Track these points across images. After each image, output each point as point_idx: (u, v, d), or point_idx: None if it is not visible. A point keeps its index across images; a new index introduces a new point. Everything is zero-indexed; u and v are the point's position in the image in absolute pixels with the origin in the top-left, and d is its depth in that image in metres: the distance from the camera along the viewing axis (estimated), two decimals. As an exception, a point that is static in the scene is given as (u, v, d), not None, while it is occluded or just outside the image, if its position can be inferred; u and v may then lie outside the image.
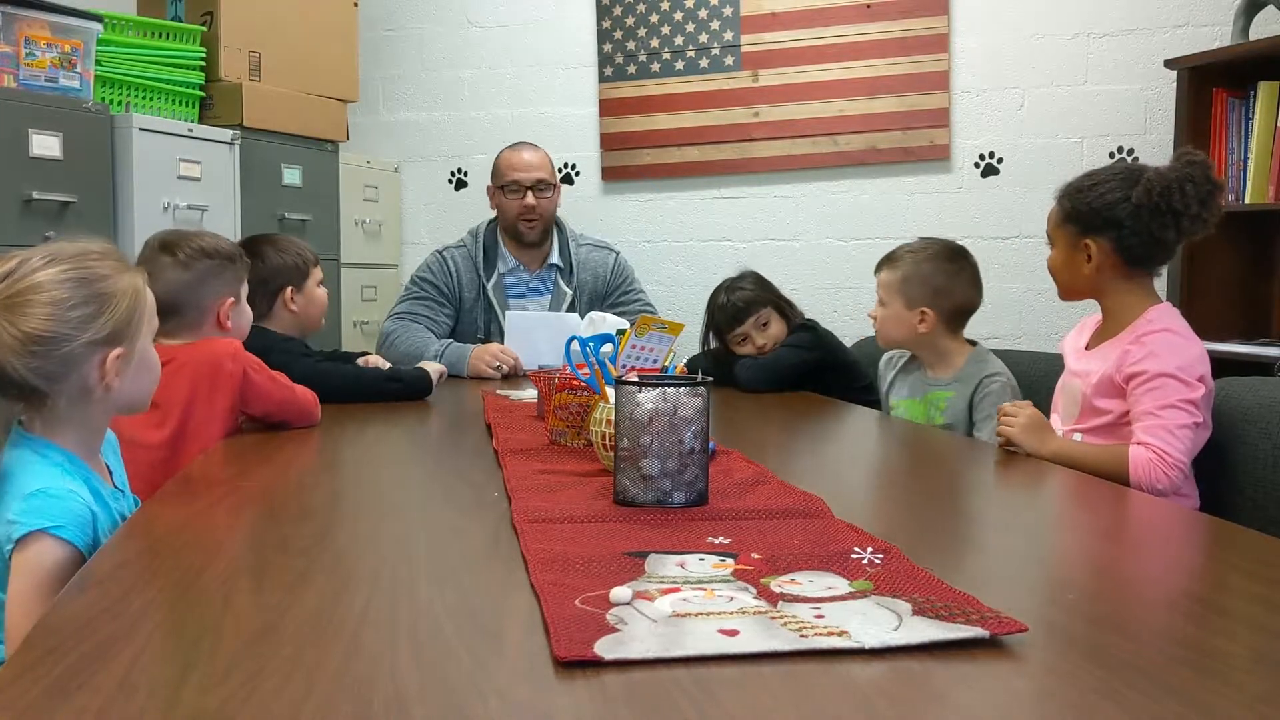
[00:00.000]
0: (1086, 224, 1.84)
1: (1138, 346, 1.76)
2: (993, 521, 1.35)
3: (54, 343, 1.25)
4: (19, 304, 1.24)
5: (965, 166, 3.38)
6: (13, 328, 1.23)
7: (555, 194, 3.07)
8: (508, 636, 0.83)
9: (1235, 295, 2.94)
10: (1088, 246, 1.84)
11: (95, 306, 1.28)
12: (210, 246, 1.89)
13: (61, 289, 1.26)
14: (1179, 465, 1.67)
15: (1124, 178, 1.82)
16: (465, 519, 1.26)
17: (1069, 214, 1.87)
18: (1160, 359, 1.72)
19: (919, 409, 2.28)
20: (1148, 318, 1.80)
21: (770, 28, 3.47)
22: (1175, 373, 1.70)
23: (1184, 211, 1.75)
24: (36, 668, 0.74)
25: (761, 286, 2.71)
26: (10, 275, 1.25)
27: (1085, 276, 1.86)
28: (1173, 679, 0.75)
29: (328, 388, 2.05)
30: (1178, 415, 1.69)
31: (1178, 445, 1.67)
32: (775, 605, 0.88)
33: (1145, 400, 1.71)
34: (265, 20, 3.04)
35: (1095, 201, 1.82)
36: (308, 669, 0.75)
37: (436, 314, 2.97)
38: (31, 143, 2.38)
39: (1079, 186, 1.86)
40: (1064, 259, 1.90)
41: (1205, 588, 1.04)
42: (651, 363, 1.77)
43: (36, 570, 1.18)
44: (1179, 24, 3.21)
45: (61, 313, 1.25)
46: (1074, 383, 1.88)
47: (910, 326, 2.26)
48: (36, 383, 1.25)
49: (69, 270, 1.28)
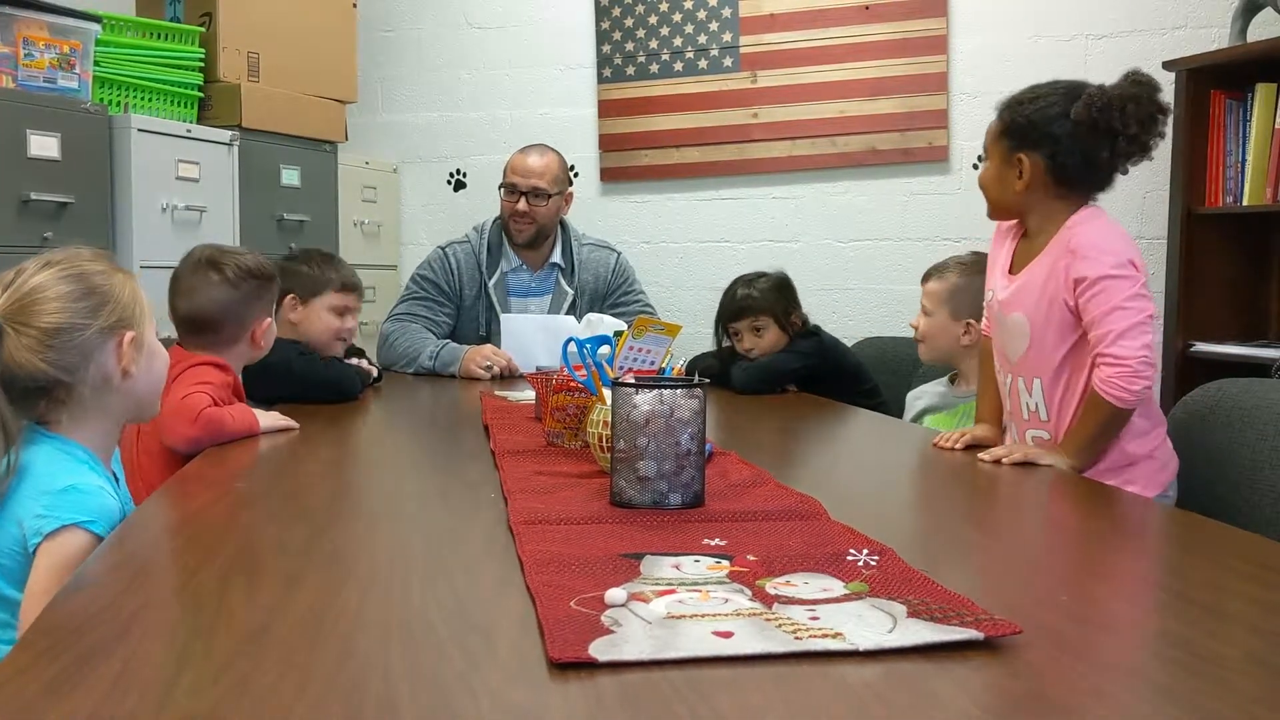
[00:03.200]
0: (1021, 138, 1.77)
1: (1070, 255, 1.71)
2: (987, 523, 1.35)
3: (69, 333, 1.32)
4: (28, 305, 1.31)
5: (964, 168, 3.38)
6: (28, 327, 1.30)
7: (554, 202, 3.01)
8: (502, 637, 0.83)
9: (1233, 296, 2.94)
10: (1020, 161, 1.77)
11: (99, 298, 1.36)
12: (255, 266, 1.93)
13: (64, 284, 1.34)
14: (1141, 362, 1.64)
15: (1065, 93, 1.76)
16: (461, 520, 1.26)
17: (1006, 127, 1.80)
18: (1096, 261, 1.68)
19: (949, 422, 2.26)
20: (1068, 224, 1.74)
21: (769, 29, 3.47)
22: (1111, 271, 1.66)
23: (1122, 130, 1.69)
24: (31, 668, 0.74)
25: (777, 293, 2.66)
26: (11, 285, 1.32)
27: (1015, 193, 1.79)
28: (1166, 680, 0.75)
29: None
30: (1124, 316, 1.65)
31: (1130, 347, 1.64)
32: (770, 607, 0.88)
33: (1091, 307, 1.67)
34: (264, 21, 3.04)
35: (1034, 115, 1.76)
36: (300, 670, 0.75)
37: (436, 313, 2.97)
38: (30, 143, 2.38)
39: (1020, 99, 1.80)
40: (995, 174, 1.82)
41: (1199, 589, 1.04)
42: (649, 364, 1.77)
43: (69, 563, 1.20)
44: (1177, 26, 3.21)
45: (69, 304, 1.33)
46: (1015, 317, 1.80)
47: (954, 337, 2.25)
48: (59, 375, 1.32)
49: (65, 269, 1.35)
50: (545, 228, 3.03)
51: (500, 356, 2.75)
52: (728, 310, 2.68)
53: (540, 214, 2.99)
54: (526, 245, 3.03)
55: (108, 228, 2.58)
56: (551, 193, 3.00)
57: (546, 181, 3.00)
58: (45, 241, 2.40)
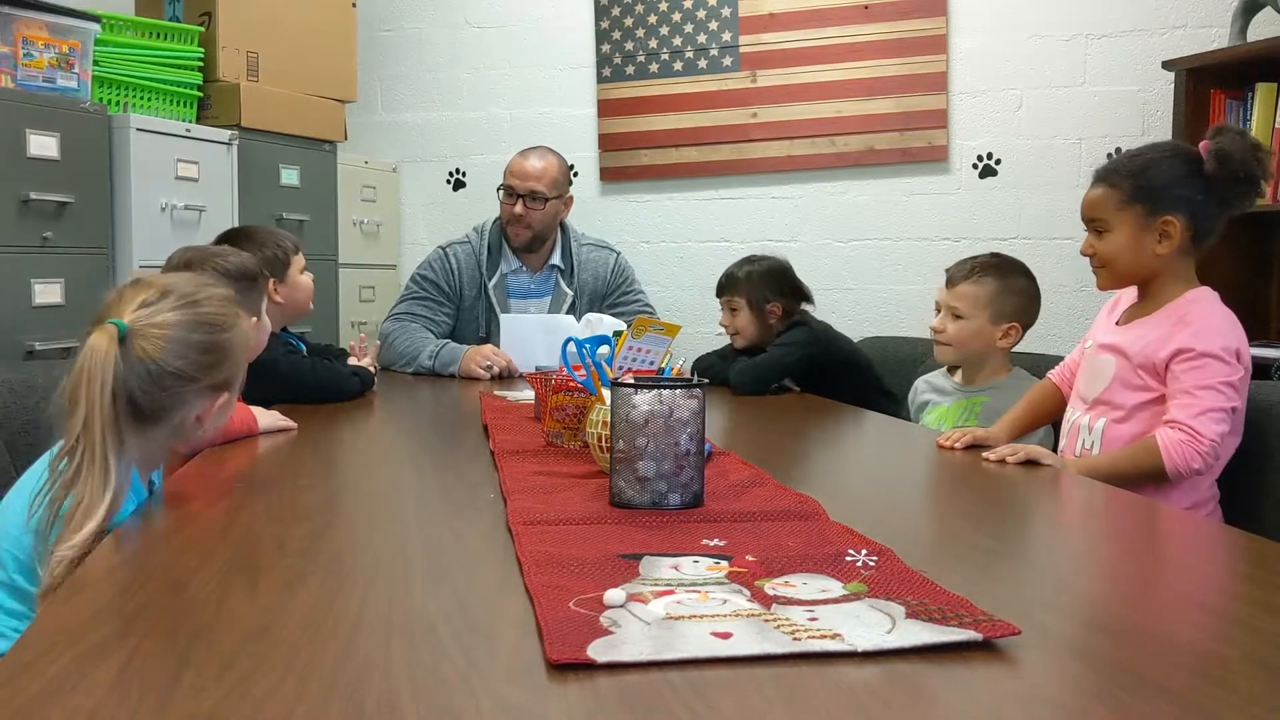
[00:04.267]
0: (1158, 202, 1.77)
1: (1181, 326, 1.73)
2: (986, 524, 1.35)
3: (177, 381, 1.28)
4: (153, 336, 1.27)
5: (963, 167, 3.38)
6: (144, 359, 1.26)
7: (551, 206, 3.01)
8: (501, 638, 0.83)
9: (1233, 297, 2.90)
10: (1166, 225, 1.77)
11: (218, 355, 1.33)
12: (235, 267, 1.90)
13: (193, 331, 1.31)
14: (1212, 445, 1.66)
15: (1172, 152, 1.79)
16: (461, 520, 1.26)
17: (1134, 194, 1.79)
18: (1206, 338, 1.70)
19: (950, 414, 2.27)
20: (1188, 297, 1.78)
21: (768, 28, 3.47)
22: (1219, 353, 1.69)
23: (1262, 176, 1.72)
24: (31, 668, 0.74)
25: (761, 279, 2.68)
26: (145, 302, 1.29)
27: (1157, 257, 1.79)
28: (1166, 681, 0.75)
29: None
30: (1214, 397, 1.67)
31: (1210, 426, 1.66)
32: (769, 608, 0.88)
33: (1185, 378, 1.70)
34: (263, 20, 3.04)
35: (1162, 178, 1.77)
36: (301, 670, 0.75)
37: (436, 313, 2.98)
38: (29, 143, 2.38)
39: (1132, 169, 1.80)
40: (1129, 241, 1.80)
41: (1199, 590, 1.04)
42: (648, 364, 1.77)
43: None
44: (1177, 25, 3.21)
45: (191, 355, 1.30)
46: (1105, 357, 1.83)
47: (990, 341, 2.24)
48: (148, 412, 1.28)
49: (199, 315, 1.32)
50: (542, 232, 3.02)
51: (500, 357, 2.75)
52: (720, 283, 2.76)
53: (536, 218, 2.99)
54: (524, 249, 3.03)
55: (107, 227, 2.58)
56: (549, 197, 2.99)
57: (544, 185, 2.99)
58: (45, 241, 2.41)
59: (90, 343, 1.23)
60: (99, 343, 1.22)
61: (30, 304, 2.39)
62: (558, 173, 3.05)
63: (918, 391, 2.43)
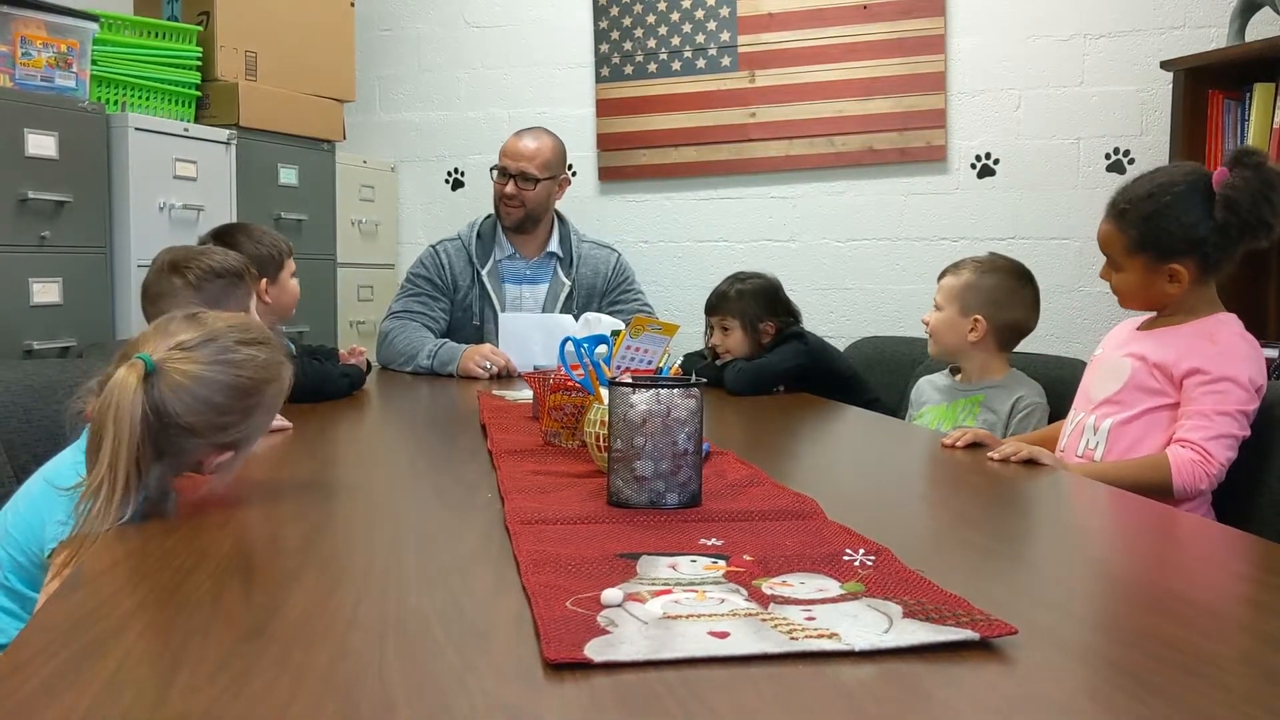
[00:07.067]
0: (1166, 249, 1.77)
1: (1208, 342, 1.73)
2: (984, 524, 1.35)
3: (182, 432, 1.23)
4: (179, 382, 1.22)
5: (962, 167, 3.39)
6: (164, 403, 1.21)
7: (544, 187, 3.00)
8: (497, 638, 0.83)
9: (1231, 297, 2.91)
10: (1174, 271, 1.77)
11: (238, 417, 1.27)
12: (220, 265, 1.88)
13: (220, 394, 1.24)
14: (1221, 469, 1.67)
15: (1187, 189, 1.75)
16: (458, 520, 1.26)
17: (1141, 242, 1.79)
18: (1230, 362, 1.70)
19: (949, 414, 2.27)
20: (1218, 318, 1.78)
21: (767, 28, 3.48)
22: (1242, 380, 1.69)
23: (1274, 222, 1.70)
24: (26, 667, 0.74)
25: (754, 298, 2.65)
26: (184, 349, 1.24)
27: (1166, 295, 1.80)
28: (1161, 681, 0.75)
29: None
30: (1229, 423, 1.68)
31: (1222, 451, 1.67)
32: (766, 607, 0.88)
33: (1204, 400, 1.69)
34: (262, 20, 3.04)
35: (1169, 224, 1.75)
36: (295, 670, 0.75)
37: (432, 309, 2.98)
38: (27, 142, 2.38)
39: (1142, 214, 1.78)
40: (1140, 282, 1.82)
41: (1194, 590, 1.04)
42: (646, 364, 1.77)
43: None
44: (1175, 25, 3.21)
45: (211, 416, 1.24)
46: (1123, 360, 1.82)
47: (961, 333, 2.24)
48: (150, 449, 1.22)
49: (236, 376, 1.26)
50: (534, 211, 3.02)
51: (498, 356, 2.75)
52: (708, 303, 2.73)
53: (528, 198, 2.98)
54: (516, 229, 3.03)
55: (105, 227, 2.58)
56: (540, 177, 2.99)
57: (536, 166, 2.99)
58: (43, 241, 2.41)
59: (118, 377, 1.19)
60: (127, 379, 1.18)
61: (28, 303, 2.39)
62: (551, 154, 3.05)
63: (920, 391, 2.43)
